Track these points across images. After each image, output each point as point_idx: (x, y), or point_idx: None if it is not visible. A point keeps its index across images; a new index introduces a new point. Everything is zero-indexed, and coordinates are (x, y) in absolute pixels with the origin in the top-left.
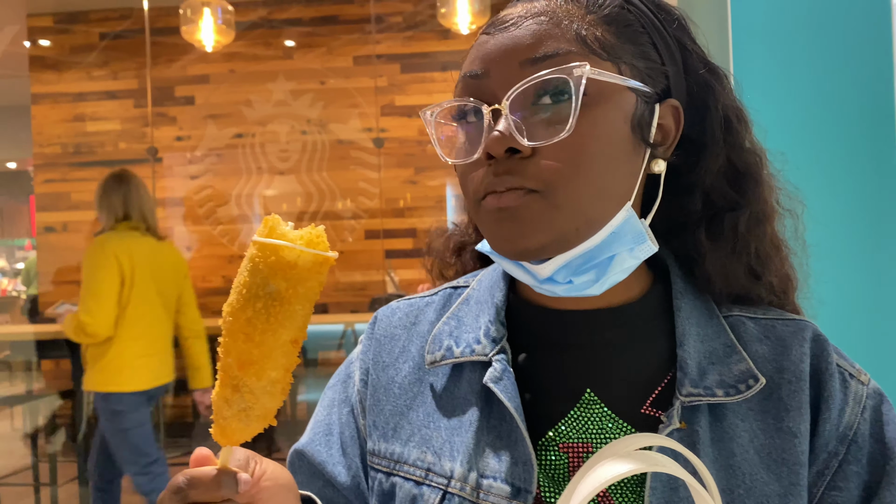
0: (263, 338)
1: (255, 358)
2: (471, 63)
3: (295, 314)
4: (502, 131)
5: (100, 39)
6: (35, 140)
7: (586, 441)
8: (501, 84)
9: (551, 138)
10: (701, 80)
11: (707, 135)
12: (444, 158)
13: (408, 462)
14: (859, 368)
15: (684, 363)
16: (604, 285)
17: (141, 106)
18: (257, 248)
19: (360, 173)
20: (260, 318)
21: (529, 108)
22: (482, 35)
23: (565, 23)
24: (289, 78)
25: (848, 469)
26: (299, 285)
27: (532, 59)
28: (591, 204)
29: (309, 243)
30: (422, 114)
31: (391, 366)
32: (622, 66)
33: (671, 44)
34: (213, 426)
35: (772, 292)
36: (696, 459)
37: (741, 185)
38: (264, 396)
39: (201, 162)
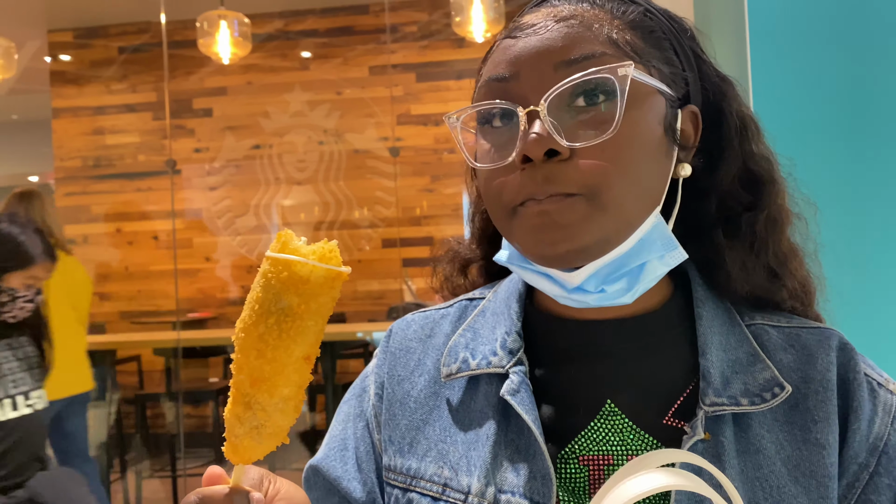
0: (276, 354)
1: (267, 374)
2: (495, 66)
3: (307, 330)
4: (540, 133)
5: (119, 53)
6: (56, 154)
7: (607, 453)
8: (534, 86)
9: (594, 139)
10: (715, 86)
11: (724, 140)
12: (473, 164)
13: (424, 477)
14: (887, 377)
15: (707, 372)
16: (635, 294)
17: (159, 118)
18: (270, 263)
19: (377, 182)
20: (272, 334)
21: (566, 110)
22: (505, 40)
23: (595, 26)
24: (305, 89)
25: (879, 481)
26: (312, 301)
27: (568, 60)
28: (631, 205)
29: (321, 258)
30: (446, 118)
31: (406, 379)
32: (652, 70)
33: (688, 51)
34: (226, 444)
35: (793, 296)
36: (722, 476)
37: (756, 189)
38: (276, 414)
39: (219, 173)
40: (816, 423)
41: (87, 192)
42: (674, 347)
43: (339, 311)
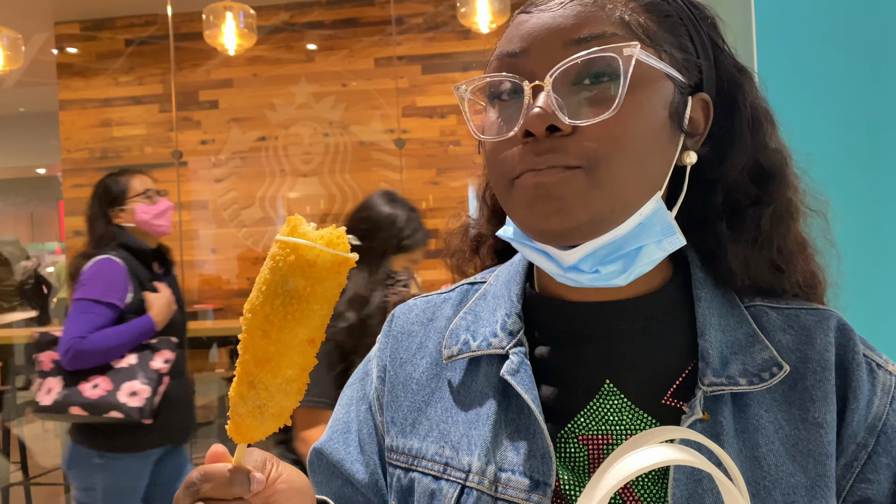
0: (280, 335)
1: (271, 355)
2: (508, 42)
3: (313, 313)
4: (543, 108)
5: (125, 46)
6: (63, 146)
7: (606, 433)
8: (543, 62)
9: (595, 117)
10: (731, 77)
11: (735, 131)
12: (477, 135)
13: (426, 457)
14: (886, 358)
15: (706, 353)
16: (630, 276)
17: (166, 110)
18: (279, 246)
19: (383, 174)
20: (278, 315)
21: (571, 87)
22: (520, 15)
23: (609, 6)
24: (311, 81)
25: (878, 461)
26: (318, 284)
27: (577, 38)
28: (629, 185)
29: (329, 243)
30: (455, 89)
31: (408, 362)
32: (662, 54)
33: (705, 39)
34: (229, 423)
35: (797, 286)
36: (722, 451)
37: (765, 183)
38: (279, 394)
39: (225, 165)
40: (814, 403)
41: (94, 183)
42: (673, 329)
43: None
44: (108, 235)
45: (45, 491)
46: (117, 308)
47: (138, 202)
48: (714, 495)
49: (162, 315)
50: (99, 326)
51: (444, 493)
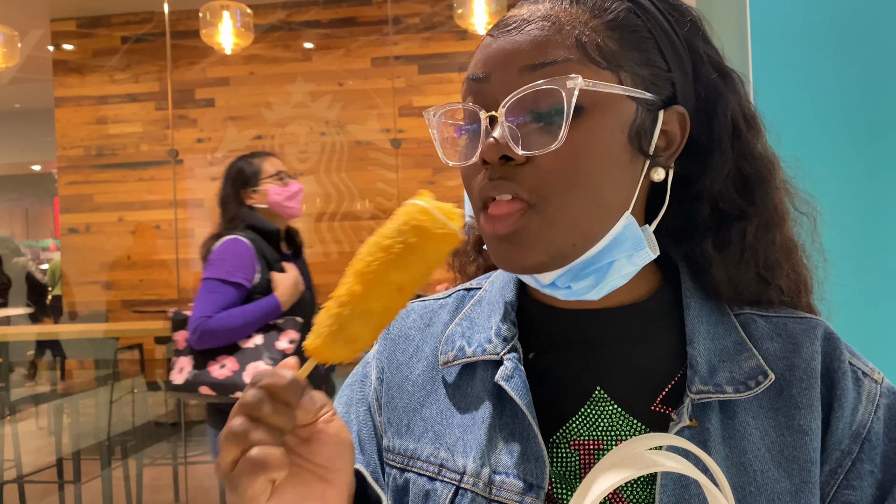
0: (378, 270)
1: (365, 283)
2: (474, 65)
3: (411, 264)
4: (497, 138)
5: (121, 43)
6: (59, 143)
7: (597, 438)
8: (501, 89)
9: (544, 148)
10: (711, 85)
11: (714, 143)
12: (445, 160)
13: (421, 458)
14: (872, 367)
15: (694, 361)
16: (602, 291)
17: (162, 108)
18: (411, 204)
19: (379, 174)
20: (383, 252)
21: (526, 116)
22: (487, 36)
23: (567, 28)
24: (307, 80)
25: (862, 468)
26: (423, 241)
27: (531, 65)
28: (586, 217)
29: (448, 214)
30: (425, 114)
31: (405, 365)
32: (622, 75)
33: (680, 48)
34: (308, 336)
35: (782, 293)
36: (708, 458)
37: (750, 193)
38: (357, 321)
39: (221, 163)
40: (800, 410)
41: (90, 181)
42: (662, 336)
43: None
44: (239, 217)
45: (40, 489)
46: (244, 288)
47: (271, 184)
48: (701, 501)
49: (288, 295)
50: (226, 306)
51: (438, 494)
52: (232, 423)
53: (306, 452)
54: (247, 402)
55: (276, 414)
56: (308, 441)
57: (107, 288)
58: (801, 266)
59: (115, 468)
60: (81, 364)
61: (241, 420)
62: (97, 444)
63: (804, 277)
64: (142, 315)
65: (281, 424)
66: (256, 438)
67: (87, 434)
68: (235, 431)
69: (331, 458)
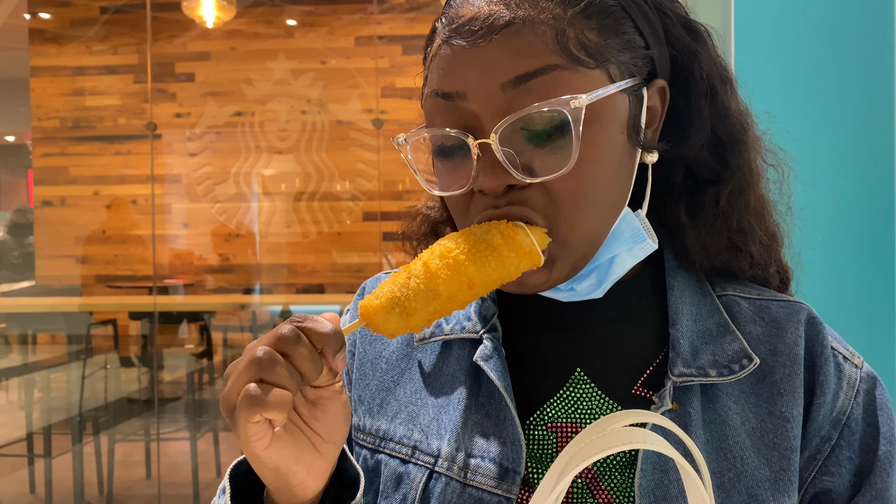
0: (456, 260)
1: (437, 269)
2: (440, 78)
3: (487, 265)
4: (495, 167)
5: (100, 13)
6: (34, 114)
7: (575, 421)
8: (483, 108)
9: (553, 172)
10: (684, 47)
11: (693, 108)
12: (431, 190)
13: (394, 439)
14: (853, 351)
15: (676, 342)
16: (605, 288)
17: (141, 81)
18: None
19: (359, 155)
20: (466, 243)
21: (521, 135)
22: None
23: (542, 28)
24: (289, 57)
25: (840, 454)
26: (506, 249)
27: (513, 79)
28: (596, 227)
29: (537, 237)
30: (394, 140)
31: (378, 340)
32: (611, 69)
33: (652, 16)
34: (367, 296)
35: (754, 264)
36: (689, 440)
37: (724, 155)
38: (419, 298)
39: (200, 139)
40: (782, 397)
41: (66, 153)
42: (644, 317)
43: (318, 282)
44: None
45: (8, 462)
46: None
47: None
48: (680, 486)
49: None
50: None
51: (411, 478)
52: (255, 350)
53: (308, 416)
54: (282, 335)
55: (306, 359)
56: (313, 405)
57: (81, 262)
58: (773, 225)
59: (86, 444)
60: (53, 339)
61: (268, 350)
62: (68, 420)
63: (776, 235)
64: (116, 290)
65: (307, 372)
66: (277, 374)
67: (58, 409)
68: (259, 358)
69: (329, 430)
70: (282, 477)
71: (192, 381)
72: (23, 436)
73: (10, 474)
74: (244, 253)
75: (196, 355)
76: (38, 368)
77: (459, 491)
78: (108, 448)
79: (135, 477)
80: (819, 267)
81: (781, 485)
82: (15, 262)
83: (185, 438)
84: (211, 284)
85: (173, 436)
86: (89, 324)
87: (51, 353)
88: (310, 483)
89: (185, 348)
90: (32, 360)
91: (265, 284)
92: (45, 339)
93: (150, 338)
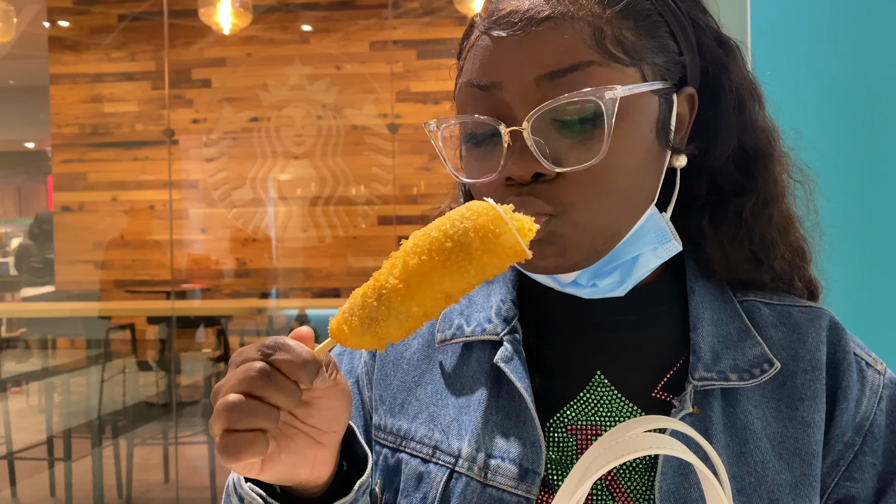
0: (431, 273)
1: (413, 283)
2: (475, 69)
3: (466, 274)
4: (525, 155)
5: (118, 21)
6: (53, 120)
7: (595, 424)
8: (517, 99)
9: (581, 162)
10: (715, 59)
11: (721, 119)
12: (458, 177)
13: (414, 439)
14: (875, 357)
15: (697, 347)
16: (628, 287)
17: (158, 88)
18: (480, 204)
19: (375, 159)
20: (440, 255)
21: (552, 126)
22: (484, 35)
23: (579, 25)
24: (305, 62)
25: (864, 460)
26: (487, 255)
27: (550, 73)
28: (616, 218)
29: (520, 230)
30: (426, 126)
31: (400, 341)
32: (645, 69)
33: (686, 25)
34: (335, 317)
35: (776, 278)
36: (709, 446)
37: (749, 169)
38: (393, 320)
39: (217, 145)
40: (803, 402)
41: (84, 159)
42: (665, 321)
43: (334, 286)
44: None
45: (29, 466)
46: None
47: None
48: (700, 490)
49: None
50: None
51: (432, 477)
52: (228, 398)
53: (304, 415)
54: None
55: (280, 394)
56: (307, 405)
57: (100, 267)
58: (798, 240)
59: (105, 447)
60: (73, 343)
61: (236, 398)
62: (87, 423)
63: (802, 250)
64: (134, 295)
65: (284, 405)
66: (249, 422)
67: (77, 413)
68: (230, 405)
69: (328, 421)
70: (285, 481)
71: (209, 385)
72: (43, 439)
73: (30, 477)
74: (261, 257)
75: (213, 359)
76: (57, 373)
77: (479, 491)
78: (126, 452)
79: (153, 480)
80: (844, 284)
81: (803, 490)
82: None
83: (202, 442)
84: (228, 289)
85: (191, 439)
86: (108, 328)
87: (70, 358)
88: (317, 474)
89: (202, 352)
90: (52, 365)
91: (281, 288)
92: (65, 343)
93: (168, 342)
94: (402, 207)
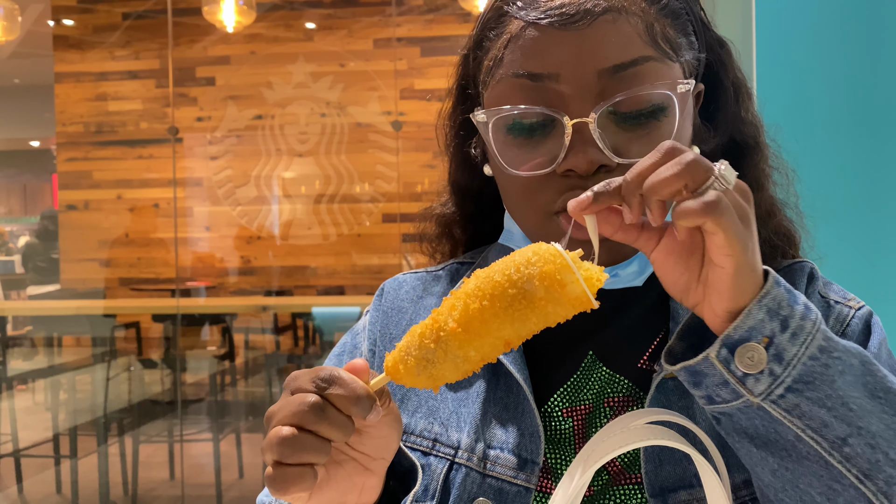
0: (492, 319)
1: (472, 328)
2: (527, 59)
3: (528, 322)
4: (590, 148)
5: (122, 19)
6: (58, 119)
7: (588, 403)
8: (575, 91)
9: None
10: (717, 56)
11: (719, 113)
12: (508, 169)
13: (414, 433)
14: (851, 297)
15: (676, 313)
16: (646, 276)
17: (162, 86)
18: (547, 249)
19: (379, 157)
20: (503, 302)
21: (613, 119)
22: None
23: (634, 20)
24: (309, 60)
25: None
26: (551, 304)
27: (614, 66)
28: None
29: (587, 279)
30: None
31: (398, 338)
32: (684, 65)
33: (699, 24)
34: (392, 353)
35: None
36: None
37: (737, 158)
38: (449, 364)
39: (221, 143)
40: None
41: (89, 157)
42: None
43: (338, 283)
44: None
45: (35, 463)
46: None
47: None
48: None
49: None
50: None
51: (433, 469)
52: (281, 431)
53: (355, 443)
54: (304, 411)
55: (333, 429)
56: (359, 433)
57: (105, 265)
58: (785, 220)
59: (111, 445)
60: (78, 341)
61: (289, 431)
62: (93, 421)
63: (789, 233)
64: (139, 293)
65: (336, 439)
66: (301, 456)
67: (83, 410)
68: (281, 440)
69: (378, 449)
70: None
71: (214, 383)
72: (49, 437)
73: (37, 475)
74: (265, 255)
75: (218, 357)
76: (63, 370)
77: (479, 481)
78: (132, 449)
79: (159, 478)
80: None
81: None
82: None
83: (207, 440)
84: (232, 286)
85: (196, 437)
86: (113, 326)
87: (76, 356)
88: (364, 500)
89: (207, 350)
90: (58, 363)
91: (286, 286)
92: (71, 341)
93: (173, 340)
94: (406, 205)
